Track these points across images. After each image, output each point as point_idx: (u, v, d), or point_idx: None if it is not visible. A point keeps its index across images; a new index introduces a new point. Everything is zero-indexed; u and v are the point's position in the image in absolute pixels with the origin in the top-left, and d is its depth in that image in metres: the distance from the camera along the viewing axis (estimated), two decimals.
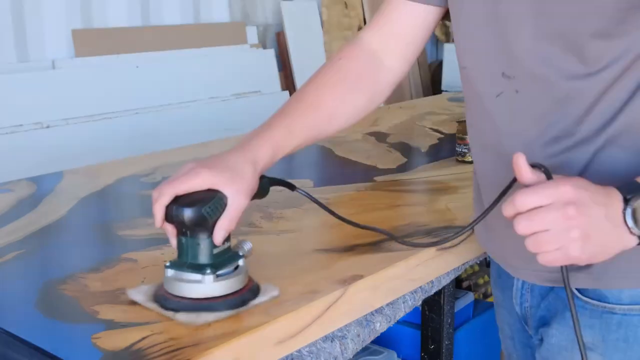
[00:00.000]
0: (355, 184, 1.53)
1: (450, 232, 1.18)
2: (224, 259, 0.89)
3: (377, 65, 1.06)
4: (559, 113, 0.85)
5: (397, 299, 1.08)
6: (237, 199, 0.88)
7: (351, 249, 1.12)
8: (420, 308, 1.42)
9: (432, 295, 1.19)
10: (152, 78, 3.21)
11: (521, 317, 1.03)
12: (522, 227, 0.73)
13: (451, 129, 2.05)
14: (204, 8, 3.60)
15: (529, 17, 0.84)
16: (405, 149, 1.91)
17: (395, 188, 1.51)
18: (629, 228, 0.73)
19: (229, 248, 0.91)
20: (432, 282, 1.16)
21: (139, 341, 0.82)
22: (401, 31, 1.06)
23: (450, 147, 1.83)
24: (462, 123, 1.70)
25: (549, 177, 0.76)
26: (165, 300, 0.89)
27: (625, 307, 0.88)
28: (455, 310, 1.46)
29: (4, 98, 2.69)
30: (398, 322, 1.13)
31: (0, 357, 0.80)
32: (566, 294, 0.77)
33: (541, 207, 0.72)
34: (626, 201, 0.74)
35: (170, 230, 0.89)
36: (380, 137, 2.07)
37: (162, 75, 3.26)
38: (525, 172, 0.76)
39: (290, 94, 3.36)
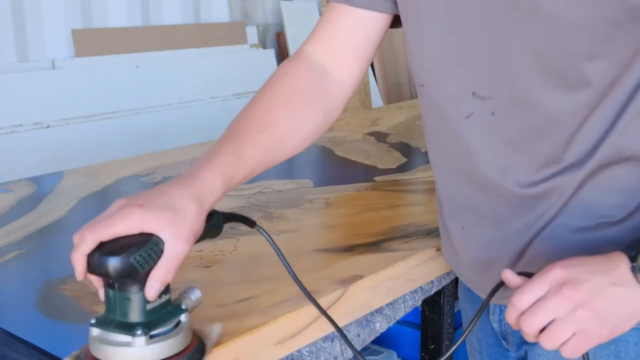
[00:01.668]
0: (355, 184, 1.53)
1: None
2: (160, 316, 0.73)
3: (326, 80, 0.96)
4: (544, 138, 0.81)
5: (397, 299, 1.08)
6: (175, 244, 0.72)
7: (351, 249, 1.12)
8: (420, 308, 1.42)
9: (432, 295, 1.19)
10: (152, 78, 3.21)
11: (499, 334, 1.01)
12: (528, 325, 0.70)
13: None
14: (204, 8, 3.60)
15: (507, 36, 0.78)
16: (405, 149, 1.91)
17: (395, 188, 1.51)
18: None
19: (167, 302, 0.75)
20: (432, 282, 1.16)
21: None
22: (347, 41, 0.96)
23: None
24: None
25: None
26: None
27: None
28: (455, 310, 1.46)
29: (4, 98, 2.69)
30: (398, 322, 1.13)
31: (0, 357, 0.80)
32: None
33: (539, 300, 0.70)
34: (632, 259, 0.70)
35: (96, 281, 0.73)
36: (380, 137, 2.07)
37: (162, 75, 3.26)
38: (514, 280, 0.75)
39: None
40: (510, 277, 0.75)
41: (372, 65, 4.12)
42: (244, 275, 1.02)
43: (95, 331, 0.73)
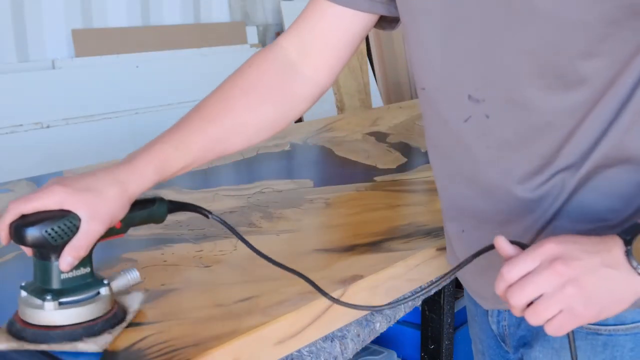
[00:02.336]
0: (355, 184, 1.53)
1: None
2: (76, 286, 0.81)
3: (293, 75, 0.95)
4: (540, 139, 0.80)
5: (397, 299, 1.08)
6: (90, 223, 0.78)
7: (351, 249, 1.12)
8: (420, 308, 1.42)
9: (432, 295, 1.19)
10: (152, 78, 3.21)
11: (498, 336, 1.01)
12: (515, 298, 0.69)
13: None
14: (204, 8, 3.60)
15: (501, 36, 0.77)
16: (405, 149, 1.91)
17: (395, 188, 1.51)
18: (635, 270, 0.68)
19: (87, 274, 0.82)
20: (432, 282, 1.16)
21: (139, 341, 0.82)
22: (323, 38, 0.94)
23: None
24: None
25: (525, 248, 0.72)
26: (12, 325, 0.81)
27: (611, 327, 0.85)
28: (455, 310, 1.46)
29: (4, 98, 2.69)
30: (398, 322, 1.13)
31: (0, 357, 0.80)
32: (571, 357, 0.74)
33: (529, 273, 0.69)
34: (627, 242, 0.69)
35: (27, 250, 0.81)
36: (380, 137, 2.07)
37: (162, 75, 3.26)
38: (507, 248, 0.73)
39: None
40: (503, 244, 0.73)
41: (372, 65, 4.12)
42: (244, 275, 1.02)
43: (22, 294, 0.82)
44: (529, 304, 0.69)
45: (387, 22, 0.97)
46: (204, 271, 1.04)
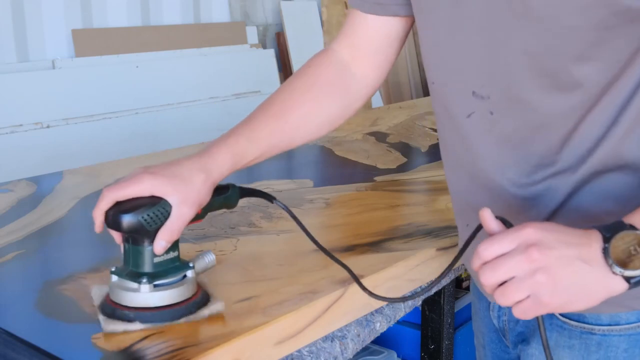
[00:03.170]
0: (355, 184, 1.53)
1: (450, 233, 1.19)
2: (166, 269, 0.86)
3: (348, 75, 1.02)
4: (538, 140, 0.81)
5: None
6: (180, 208, 0.84)
7: (351, 249, 1.12)
8: (420, 308, 1.42)
9: (432, 295, 1.19)
10: (152, 78, 3.20)
11: (499, 330, 1.01)
12: (486, 277, 0.69)
13: None
14: (204, 8, 3.60)
15: (502, 36, 0.79)
16: (405, 149, 1.92)
17: (395, 188, 1.51)
18: (609, 267, 0.67)
19: (175, 258, 0.88)
20: (432, 282, 1.16)
21: (139, 341, 0.82)
22: (367, 42, 1.01)
23: None
24: None
25: (509, 227, 0.73)
26: (105, 306, 0.87)
27: (605, 327, 0.86)
28: (455, 310, 1.46)
29: (4, 98, 2.69)
30: (398, 322, 1.13)
31: (0, 357, 0.80)
32: (542, 343, 0.74)
33: (505, 254, 0.69)
34: (606, 240, 0.68)
35: (116, 236, 0.87)
36: (380, 137, 2.07)
37: (162, 75, 3.26)
38: (490, 223, 0.73)
39: None
40: (488, 219, 0.73)
41: None
42: (244, 275, 1.02)
43: (113, 278, 0.87)
44: (501, 284, 0.70)
45: None
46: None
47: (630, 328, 0.85)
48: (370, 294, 0.95)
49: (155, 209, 0.83)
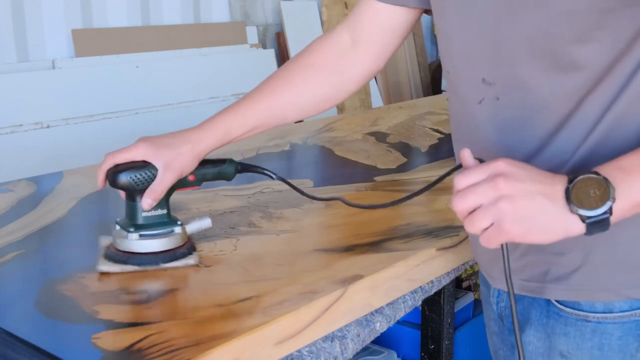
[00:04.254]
0: (355, 184, 1.53)
1: (450, 233, 1.19)
2: (154, 223, 1.02)
3: (345, 58, 1.08)
4: (536, 121, 0.84)
5: (397, 299, 1.08)
6: (164, 172, 0.99)
7: (351, 249, 1.12)
8: (420, 308, 1.42)
9: (432, 295, 1.19)
10: (152, 78, 3.21)
11: (498, 316, 1.03)
12: (457, 204, 0.73)
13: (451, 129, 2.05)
14: (204, 8, 3.60)
15: (505, 22, 0.82)
16: (405, 149, 1.91)
17: (395, 188, 1.51)
18: (569, 207, 0.71)
19: (164, 215, 1.04)
20: (432, 282, 1.16)
21: (139, 341, 0.82)
22: (371, 29, 1.07)
23: (450, 147, 1.81)
24: None
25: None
26: (108, 251, 1.04)
27: (599, 315, 0.87)
28: (455, 310, 1.46)
29: (4, 98, 2.69)
30: (398, 322, 1.13)
31: (0, 357, 0.80)
32: (507, 282, 0.76)
33: (474, 184, 0.73)
34: (570, 181, 0.72)
35: (121, 193, 1.03)
36: (380, 137, 2.07)
37: (162, 75, 3.26)
38: (468, 160, 0.77)
39: None
40: (467, 157, 0.77)
41: None
42: (244, 275, 1.02)
43: (116, 227, 1.04)
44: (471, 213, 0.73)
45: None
46: (204, 271, 1.04)
47: (624, 316, 0.86)
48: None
49: (142, 171, 0.99)
